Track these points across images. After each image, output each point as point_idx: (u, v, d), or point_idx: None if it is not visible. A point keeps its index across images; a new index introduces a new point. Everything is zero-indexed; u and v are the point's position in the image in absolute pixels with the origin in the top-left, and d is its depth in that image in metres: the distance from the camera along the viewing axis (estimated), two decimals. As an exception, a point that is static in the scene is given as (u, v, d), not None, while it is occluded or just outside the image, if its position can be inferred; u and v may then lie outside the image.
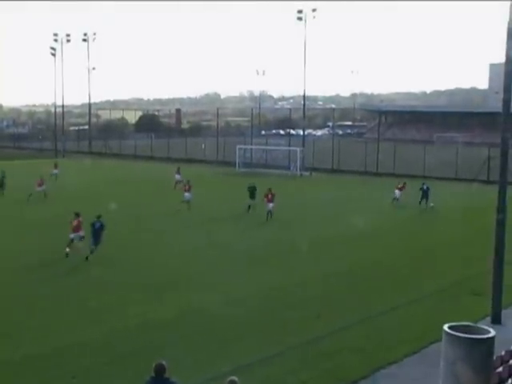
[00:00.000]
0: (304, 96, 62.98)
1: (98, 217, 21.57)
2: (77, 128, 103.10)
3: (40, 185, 35.29)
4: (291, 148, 59.27)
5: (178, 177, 40.78)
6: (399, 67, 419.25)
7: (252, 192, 31.50)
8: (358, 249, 24.08)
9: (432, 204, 34.30)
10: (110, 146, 74.51)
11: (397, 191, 36.03)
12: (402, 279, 19.82)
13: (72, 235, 21.49)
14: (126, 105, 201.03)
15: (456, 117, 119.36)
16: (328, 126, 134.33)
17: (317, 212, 33.46)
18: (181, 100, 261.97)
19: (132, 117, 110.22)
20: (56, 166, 44.66)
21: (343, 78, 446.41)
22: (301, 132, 70.71)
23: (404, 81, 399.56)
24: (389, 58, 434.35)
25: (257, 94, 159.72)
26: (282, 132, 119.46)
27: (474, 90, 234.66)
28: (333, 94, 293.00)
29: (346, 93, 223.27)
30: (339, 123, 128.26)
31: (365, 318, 15.87)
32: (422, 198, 34.42)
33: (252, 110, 72.69)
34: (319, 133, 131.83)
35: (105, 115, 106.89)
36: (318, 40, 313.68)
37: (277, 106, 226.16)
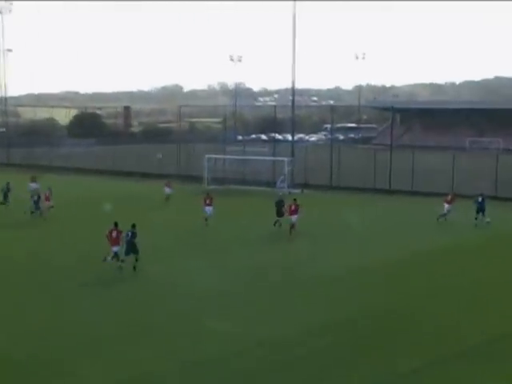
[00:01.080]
0: (293, 89, 63.05)
1: (133, 226, 26.44)
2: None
3: (47, 200, 40.38)
4: (277, 158, 59.20)
5: (167, 190, 47.83)
6: (418, 51, 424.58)
7: (279, 208, 36.27)
8: (379, 286, 23.96)
9: (488, 219, 36.88)
10: (35, 155, 73.93)
11: (446, 205, 38.85)
12: (436, 329, 19.67)
13: (115, 248, 26.07)
14: (56, 100, 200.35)
15: (496, 115, 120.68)
16: (325, 129, 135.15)
17: (313, 240, 33.37)
18: (130, 95, 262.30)
19: (64, 116, 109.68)
20: (34, 180, 48.34)
21: (345, 67, 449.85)
22: (289, 137, 70.79)
23: (425, 69, 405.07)
24: (404, 39, 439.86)
25: (231, 86, 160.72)
26: (264, 137, 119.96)
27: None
28: (331, 86, 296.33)
29: (348, 85, 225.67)
30: (340, 125, 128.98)
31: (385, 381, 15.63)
32: (477, 213, 37.40)
33: (225, 107, 72.69)
34: (313, 138, 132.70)
35: (27, 114, 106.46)
36: (312, 18, 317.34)
37: (258, 103, 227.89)
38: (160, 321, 20.46)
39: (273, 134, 76.63)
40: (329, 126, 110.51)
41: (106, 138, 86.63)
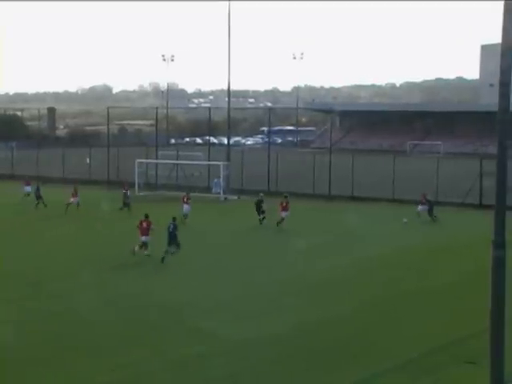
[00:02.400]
0: (229, 90, 63.16)
1: (174, 219, 29.93)
2: None
3: (74, 196, 46.32)
4: (212, 162, 59.14)
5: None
6: (358, 52, 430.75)
7: (259, 206, 40.02)
8: (312, 300, 24.10)
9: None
10: None
11: (420, 206, 42.98)
12: (369, 341, 19.84)
13: (143, 238, 29.57)
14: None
15: (437, 118, 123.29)
16: (262, 132, 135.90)
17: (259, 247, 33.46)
18: (55, 96, 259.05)
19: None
20: (28, 183, 52.07)
21: (283, 67, 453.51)
22: (225, 140, 70.82)
23: (365, 70, 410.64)
24: (344, 39, 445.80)
25: (164, 87, 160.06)
26: (198, 140, 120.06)
27: (460, 82, 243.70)
28: (269, 87, 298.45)
29: (286, 86, 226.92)
30: (277, 128, 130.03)
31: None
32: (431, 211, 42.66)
33: (157, 109, 72.15)
34: (250, 141, 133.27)
35: None
36: (248, 17, 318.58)
37: (191, 105, 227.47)
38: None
39: (208, 138, 76.63)
40: (266, 128, 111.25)
41: (29, 142, 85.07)
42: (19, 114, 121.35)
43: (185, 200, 41.63)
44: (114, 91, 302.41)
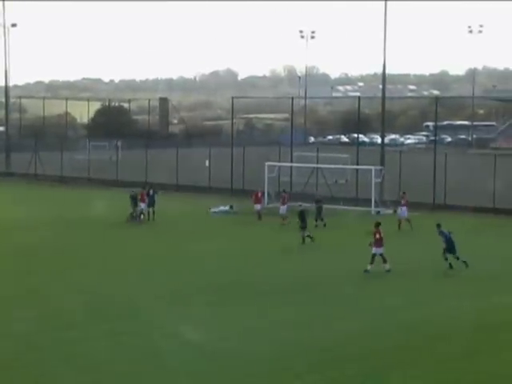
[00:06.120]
0: (383, 74, 62.56)
1: (438, 226, 35.02)
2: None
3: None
4: (361, 167, 58.65)
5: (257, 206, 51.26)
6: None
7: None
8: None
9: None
10: (41, 160, 74.64)
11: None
12: None
13: (374, 250, 34.03)
14: (72, 90, 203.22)
15: None
16: (426, 128, 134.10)
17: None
18: (168, 83, 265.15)
19: (83, 111, 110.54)
20: (144, 198, 51.63)
21: (454, 44, 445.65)
22: (378, 139, 70.26)
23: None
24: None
25: (301, 72, 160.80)
26: (344, 138, 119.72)
27: None
28: (435, 71, 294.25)
29: (458, 69, 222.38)
30: (446, 122, 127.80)
31: None
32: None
33: (292, 99, 72.34)
34: (411, 140, 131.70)
35: (35, 108, 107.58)
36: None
37: (336, 94, 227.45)
38: None
39: (356, 135, 76.14)
40: (432, 123, 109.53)
41: (136, 141, 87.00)
42: (126, 105, 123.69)
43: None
44: (240, 77, 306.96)
